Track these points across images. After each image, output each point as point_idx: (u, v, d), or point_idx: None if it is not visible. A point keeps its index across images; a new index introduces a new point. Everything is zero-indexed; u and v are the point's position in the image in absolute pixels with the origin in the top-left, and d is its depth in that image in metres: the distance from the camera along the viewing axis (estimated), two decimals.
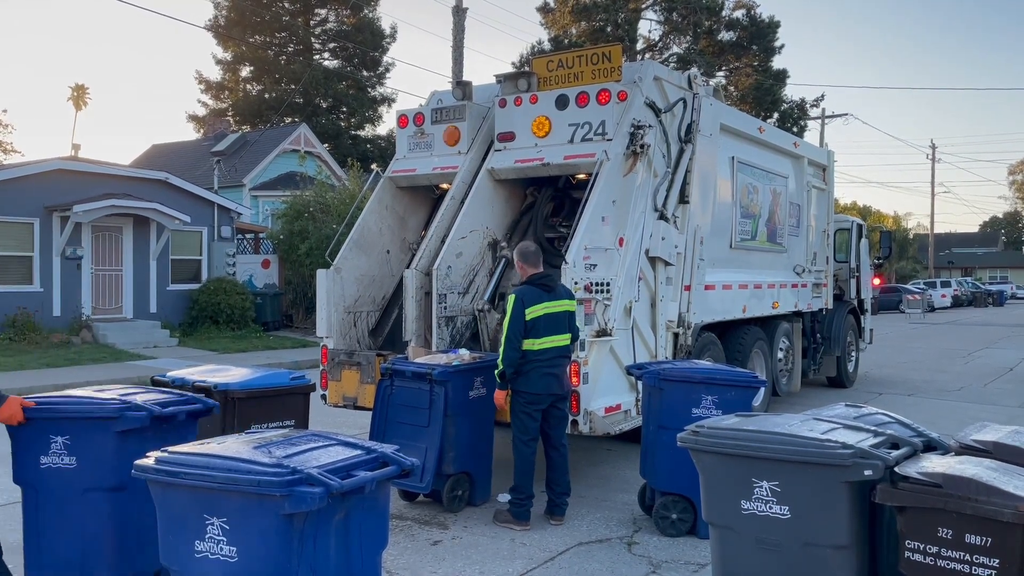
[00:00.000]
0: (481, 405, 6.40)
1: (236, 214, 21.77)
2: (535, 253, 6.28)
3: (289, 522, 2.79)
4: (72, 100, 41.59)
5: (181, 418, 4.35)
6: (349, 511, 2.97)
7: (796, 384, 11.61)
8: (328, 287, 7.96)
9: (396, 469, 3.09)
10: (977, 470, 3.38)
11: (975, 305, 50.02)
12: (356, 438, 3.35)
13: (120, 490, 4.08)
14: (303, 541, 2.82)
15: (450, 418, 6.18)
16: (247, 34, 41.01)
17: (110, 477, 4.08)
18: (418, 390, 6.23)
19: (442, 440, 6.15)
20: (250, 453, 3.00)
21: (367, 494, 2.98)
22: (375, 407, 6.54)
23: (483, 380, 6.42)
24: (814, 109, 43.03)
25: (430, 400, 6.16)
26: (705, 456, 3.98)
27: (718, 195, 9.08)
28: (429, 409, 6.18)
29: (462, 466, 6.38)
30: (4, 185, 17.34)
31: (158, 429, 4.19)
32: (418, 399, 6.22)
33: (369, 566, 3.12)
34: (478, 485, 6.57)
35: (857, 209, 60.36)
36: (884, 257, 16.23)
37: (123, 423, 4.06)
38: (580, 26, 39.86)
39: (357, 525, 3.03)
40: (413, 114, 8.71)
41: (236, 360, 15.14)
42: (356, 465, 3.03)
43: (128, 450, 3.95)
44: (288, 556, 2.82)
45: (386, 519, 3.25)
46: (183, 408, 4.38)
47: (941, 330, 28.55)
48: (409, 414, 6.29)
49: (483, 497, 6.61)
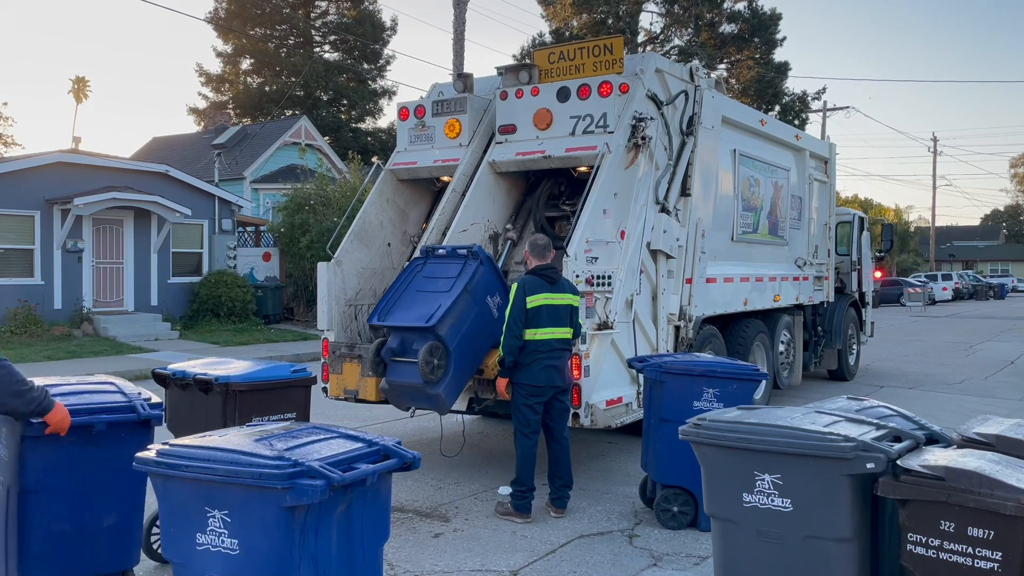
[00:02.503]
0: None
1: (237, 207, 21.76)
2: (543, 246, 6.27)
3: (291, 515, 2.78)
4: (73, 93, 41.51)
5: (100, 428, 3.93)
6: (351, 504, 2.97)
7: (797, 377, 11.61)
8: (329, 280, 7.95)
9: (398, 462, 3.09)
10: (979, 463, 3.37)
11: (976, 298, 50.02)
12: (358, 431, 3.34)
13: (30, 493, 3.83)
14: (304, 533, 2.82)
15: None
16: (247, 27, 40.92)
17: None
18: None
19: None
20: (252, 446, 2.99)
21: (368, 487, 2.98)
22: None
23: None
24: (816, 102, 43.00)
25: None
26: (707, 449, 3.97)
27: (720, 188, 9.06)
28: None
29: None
30: (5, 178, 17.33)
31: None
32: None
33: (371, 558, 3.12)
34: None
35: (859, 202, 60.29)
36: (885, 250, 16.21)
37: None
38: (581, 18, 39.76)
39: (359, 518, 3.03)
40: (414, 107, 8.68)
41: (237, 353, 15.14)
42: (358, 458, 3.03)
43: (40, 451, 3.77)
44: (290, 549, 2.81)
45: (388, 512, 3.24)
46: (102, 418, 3.96)
47: (942, 323, 28.54)
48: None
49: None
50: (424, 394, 6.28)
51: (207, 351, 15.88)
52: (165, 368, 5.61)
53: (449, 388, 6.32)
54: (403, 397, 6.55)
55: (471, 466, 7.62)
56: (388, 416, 9.44)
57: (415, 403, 6.67)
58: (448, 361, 6.25)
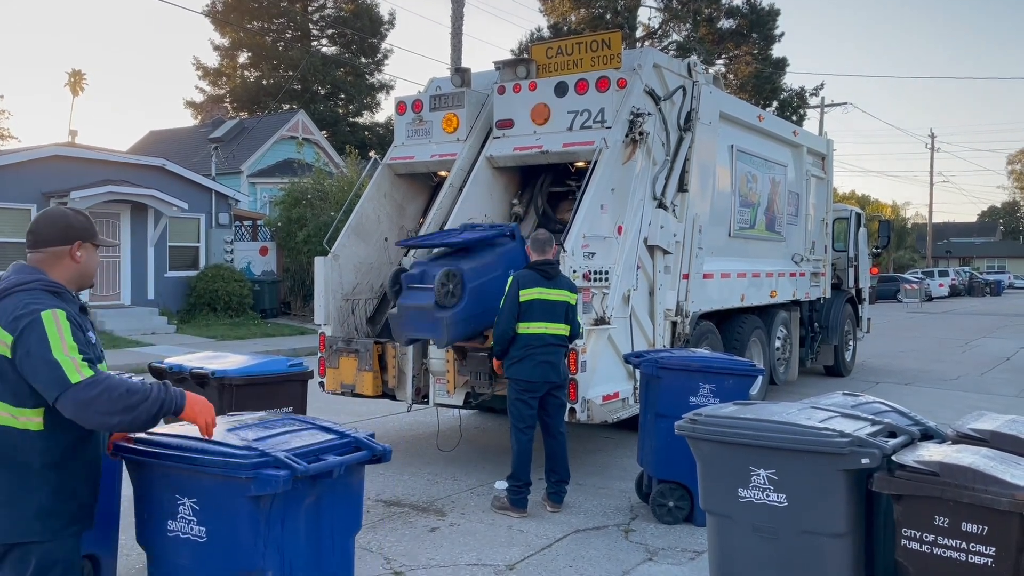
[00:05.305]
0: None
1: (234, 201, 21.72)
2: (544, 241, 6.27)
3: (256, 504, 2.82)
4: (69, 86, 41.35)
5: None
6: (320, 495, 3.00)
7: (793, 373, 11.63)
8: (326, 274, 7.95)
9: (367, 454, 3.10)
10: (974, 459, 3.39)
11: (972, 295, 50.10)
12: (333, 423, 3.32)
13: None
14: (270, 523, 2.85)
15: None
16: (245, 20, 40.84)
17: None
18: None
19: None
20: (223, 435, 3.04)
21: (337, 479, 3.01)
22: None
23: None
24: (813, 98, 42.97)
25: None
26: (703, 444, 3.98)
27: (717, 183, 9.06)
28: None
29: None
30: (1, 171, 17.28)
31: None
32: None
33: (340, 549, 3.14)
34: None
35: (856, 198, 60.36)
36: (882, 246, 16.24)
37: None
38: (579, 13, 39.69)
39: (328, 509, 3.06)
40: (411, 101, 8.67)
41: (234, 347, 15.14)
42: (327, 449, 3.05)
43: None
44: (255, 538, 2.85)
45: (359, 503, 3.26)
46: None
47: (938, 320, 28.59)
48: None
49: None
50: (430, 317, 6.48)
51: (204, 345, 15.86)
52: (162, 362, 5.62)
53: (453, 320, 6.49)
54: (408, 321, 6.69)
55: (467, 461, 7.63)
56: (385, 411, 9.44)
57: (417, 330, 6.74)
58: (462, 294, 6.53)
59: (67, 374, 2.73)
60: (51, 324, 2.76)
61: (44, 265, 2.98)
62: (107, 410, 2.74)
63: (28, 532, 2.80)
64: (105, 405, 2.74)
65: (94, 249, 3.08)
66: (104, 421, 2.79)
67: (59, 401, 2.74)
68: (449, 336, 6.54)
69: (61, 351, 2.74)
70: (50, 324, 2.76)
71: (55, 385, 2.73)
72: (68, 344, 2.76)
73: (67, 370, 2.73)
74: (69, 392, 2.72)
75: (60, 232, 3.00)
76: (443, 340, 6.62)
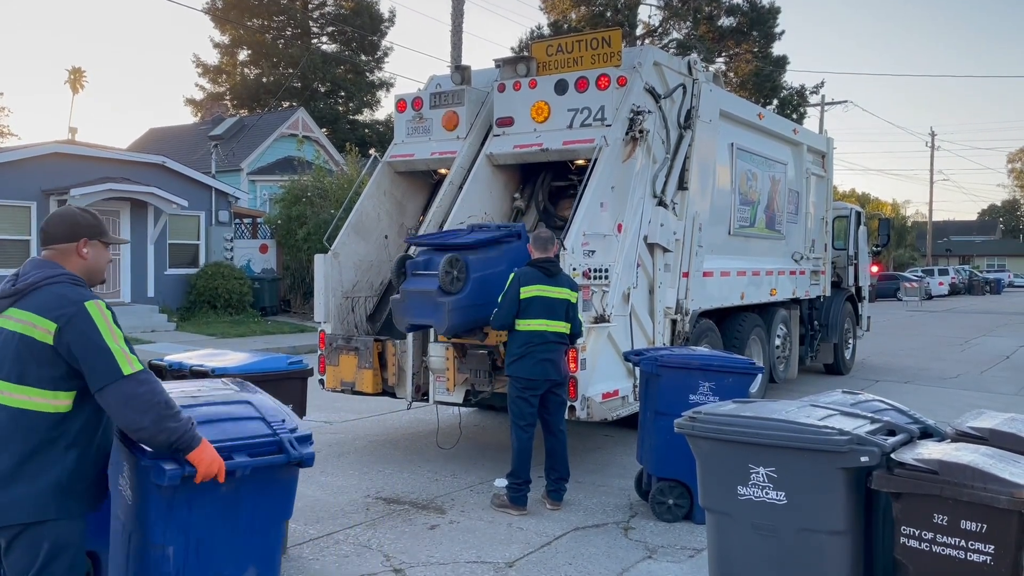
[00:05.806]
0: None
1: (234, 198, 21.71)
2: (546, 239, 6.27)
3: (157, 490, 2.91)
4: (69, 83, 41.43)
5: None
6: (238, 485, 3.03)
7: (793, 371, 11.63)
8: (326, 272, 7.95)
9: (283, 459, 3.08)
10: (973, 457, 3.39)
11: (972, 293, 50.06)
12: (283, 419, 3.27)
13: None
14: (173, 508, 2.92)
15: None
16: (245, 18, 40.78)
17: None
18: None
19: None
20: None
21: (253, 472, 3.03)
22: None
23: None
24: (813, 96, 42.94)
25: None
26: (702, 442, 3.99)
27: (717, 182, 9.06)
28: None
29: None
30: (1, 169, 17.27)
31: None
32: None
33: (261, 533, 3.16)
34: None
35: (856, 196, 60.33)
36: (882, 245, 16.24)
37: None
38: (579, 11, 39.67)
39: (249, 496, 3.08)
40: (411, 99, 8.67)
41: (234, 345, 15.14)
42: (245, 448, 3.05)
43: None
44: (162, 520, 2.94)
45: (289, 492, 3.23)
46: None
47: (938, 318, 28.59)
48: None
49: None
50: (433, 302, 6.51)
51: (204, 343, 15.85)
52: (162, 360, 5.61)
53: (456, 307, 6.50)
54: (410, 306, 6.72)
55: (467, 458, 7.63)
56: (384, 408, 9.45)
57: (419, 315, 6.74)
58: (465, 282, 6.53)
59: (119, 364, 2.82)
60: (97, 313, 2.86)
61: (56, 260, 3.03)
62: (143, 410, 2.81)
63: (44, 511, 2.85)
64: (143, 405, 2.81)
65: (103, 246, 3.13)
66: (133, 420, 2.82)
67: (105, 389, 2.81)
68: (450, 322, 6.52)
69: (112, 339, 2.84)
70: (96, 313, 2.85)
71: (107, 373, 2.81)
72: (116, 333, 2.86)
73: (119, 360, 2.82)
74: (120, 383, 2.81)
75: (67, 229, 3.06)
76: (443, 326, 6.59)
